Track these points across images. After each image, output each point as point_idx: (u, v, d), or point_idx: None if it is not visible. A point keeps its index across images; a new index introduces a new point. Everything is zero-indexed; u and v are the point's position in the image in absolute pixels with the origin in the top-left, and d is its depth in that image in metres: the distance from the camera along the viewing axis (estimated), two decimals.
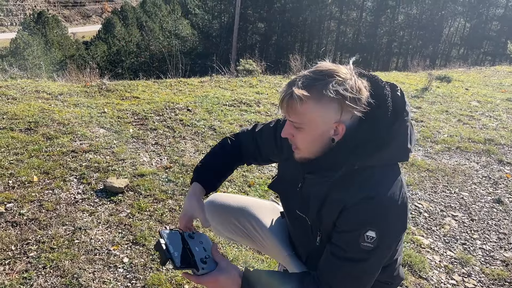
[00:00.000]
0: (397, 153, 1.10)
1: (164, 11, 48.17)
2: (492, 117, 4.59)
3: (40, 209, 2.22)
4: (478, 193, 2.98)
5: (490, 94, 5.61)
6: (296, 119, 1.08)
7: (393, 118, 1.08)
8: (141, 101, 4.15)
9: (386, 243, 1.07)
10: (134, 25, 49.66)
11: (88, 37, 51.45)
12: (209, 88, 4.98)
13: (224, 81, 5.42)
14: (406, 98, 1.11)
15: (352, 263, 1.08)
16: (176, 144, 3.19)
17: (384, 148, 1.07)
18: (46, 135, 3.06)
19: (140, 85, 4.74)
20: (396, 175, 1.10)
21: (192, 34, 33.49)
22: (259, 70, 5.96)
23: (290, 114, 1.09)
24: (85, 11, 71.19)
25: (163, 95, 4.45)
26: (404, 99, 1.10)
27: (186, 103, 4.17)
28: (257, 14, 32.39)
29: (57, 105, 3.75)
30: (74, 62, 34.35)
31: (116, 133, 3.25)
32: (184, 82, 5.14)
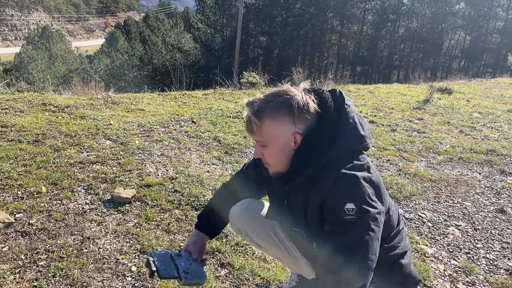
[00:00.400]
0: (352, 141, 1.23)
1: (167, 25, 48.68)
2: (494, 128, 4.63)
3: (49, 219, 2.25)
4: (481, 203, 3.00)
5: (491, 106, 5.66)
6: (259, 138, 1.24)
7: (336, 113, 1.23)
8: (147, 113, 4.21)
9: (368, 213, 1.15)
10: (137, 39, 50.15)
11: (92, 51, 51.95)
12: (213, 100, 5.05)
13: (228, 93, 5.49)
14: (345, 95, 1.28)
15: (344, 236, 1.15)
16: (181, 155, 3.23)
17: (338, 140, 1.21)
18: (54, 146, 3.11)
19: (145, 98, 4.80)
20: (362, 160, 1.23)
21: (194, 47, 33.80)
22: (262, 83, 6.03)
23: (254, 135, 1.25)
24: (89, 25, 72.00)
25: (168, 107, 4.51)
26: (343, 96, 1.26)
27: (190, 115, 4.23)
28: (259, 28, 32.73)
29: (64, 118, 3.81)
30: (77, 75, 34.65)
31: (122, 145, 3.29)
32: (188, 95, 5.20)
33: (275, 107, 1.19)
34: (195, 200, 2.57)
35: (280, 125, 1.20)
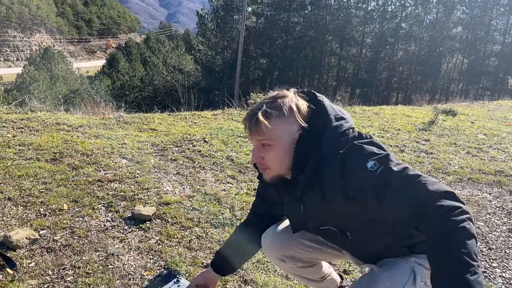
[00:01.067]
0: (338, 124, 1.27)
1: (168, 47, 49.31)
2: (500, 150, 4.70)
3: (72, 235, 2.28)
4: (493, 223, 3.04)
5: (495, 128, 5.75)
6: (265, 137, 1.24)
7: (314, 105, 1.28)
8: (159, 133, 4.27)
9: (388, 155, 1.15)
10: (138, 60, 50.78)
11: (93, 72, 52.49)
12: (223, 120, 5.12)
13: (236, 114, 5.57)
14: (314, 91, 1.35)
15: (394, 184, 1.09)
16: (196, 174, 3.28)
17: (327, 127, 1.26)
18: (71, 165, 3.16)
19: (156, 118, 4.87)
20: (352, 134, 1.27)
21: (195, 69, 34.19)
22: None
23: (260, 135, 1.25)
24: (90, 47, 72.88)
25: (179, 127, 4.58)
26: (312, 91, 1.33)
27: (202, 135, 4.29)
28: (259, 50, 33.18)
29: (79, 137, 3.87)
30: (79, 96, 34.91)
31: (138, 164, 3.34)
32: (198, 115, 5.28)
33: (279, 107, 1.24)
34: (213, 218, 2.61)
35: (287, 123, 1.24)
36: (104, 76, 41.30)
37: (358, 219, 1.25)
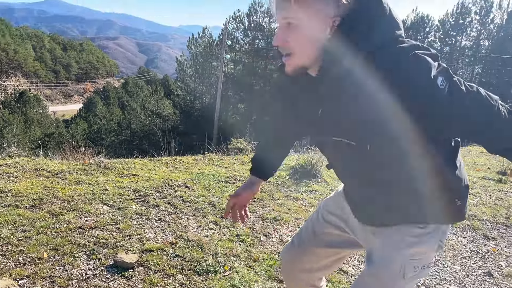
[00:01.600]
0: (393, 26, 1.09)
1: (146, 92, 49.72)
2: (472, 194, 4.87)
3: (52, 285, 2.24)
4: (469, 267, 3.12)
5: (467, 173, 5.98)
6: (293, 14, 1.05)
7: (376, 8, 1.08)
8: (140, 178, 4.28)
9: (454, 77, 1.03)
10: (115, 104, 50.87)
11: (69, 116, 52.12)
12: (204, 165, 5.17)
13: (217, 159, 5.63)
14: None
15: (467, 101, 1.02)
16: (178, 220, 3.28)
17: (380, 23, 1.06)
18: (52, 212, 3.12)
19: (137, 163, 4.89)
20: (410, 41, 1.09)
21: (173, 113, 34.36)
22: (249, 149, 6.23)
23: (286, 9, 1.06)
24: (67, 90, 72.73)
25: (161, 172, 4.60)
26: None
27: (183, 180, 4.32)
28: (237, 95, 33.80)
29: (59, 183, 3.84)
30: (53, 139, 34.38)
31: (120, 210, 3.33)
32: (179, 160, 5.32)
33: None
34: (197, 264, 2.60)
35: (321, 3, 1.05)
36: (81, 120, 41.06)
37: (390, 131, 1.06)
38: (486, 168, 6.40)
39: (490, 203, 4.58)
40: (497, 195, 4.94)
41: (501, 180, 5.55)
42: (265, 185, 4.51)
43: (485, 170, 6.21)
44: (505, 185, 5.42)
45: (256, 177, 1.59)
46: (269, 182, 4.58)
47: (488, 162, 6.90)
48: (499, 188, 5.25)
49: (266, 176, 1.61)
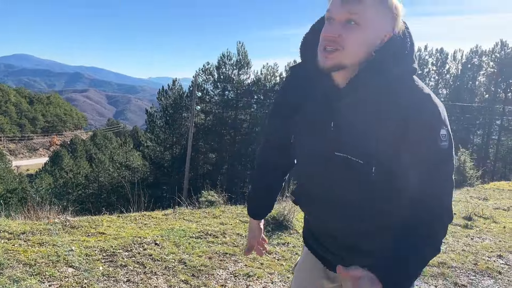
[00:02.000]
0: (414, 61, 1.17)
1: (115, 144, 49.13)
2: None
3: None
4: None
5: None
6: (357, 11, 1.08)
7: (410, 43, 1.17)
8: (108, 236, 4.15)
9: (451, 141, 1.11)
10: (83, 157, 49.85)
11: (33, 170, 50.48)
12: (174, 220, 5.07)
13: (188, 213, 5.55)
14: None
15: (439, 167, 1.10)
16: (148, 281, 3.17)
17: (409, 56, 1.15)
18: (12, 277, 2.96)
19: (104, 220, 4.75)
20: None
21: (143, 165, 33.92)
22: (221, 201, 6.18)
23: (354, 5, 1.08)
24: (32, 144, 70.91)
25: (129, 229, 4.48)
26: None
27: (153, 237, 4.21)
28: (208, 145, 33.88)
29: (21, 245, 3.66)
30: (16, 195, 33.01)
31: (86, 272, 3.19)
32: (148, 216, 5.20)
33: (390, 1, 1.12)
34: None
35: (384, 14, 1.11)
36: (46, 174, 39.80)
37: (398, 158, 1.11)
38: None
39: (458, 249, 4.67)
40: (464, 240, 5.05)
41: (467, 225, 5.69)
42: (236, 239, 4.45)
43: None
44: (471, 230, 5.57)
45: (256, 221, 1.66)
46: (241, 236, 4.53)
47: (454, 208, 7.07)
48: (465, 233, 5.38)
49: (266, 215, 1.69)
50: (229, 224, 5.02)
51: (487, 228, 5.79)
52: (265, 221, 1.72)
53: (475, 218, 6.18)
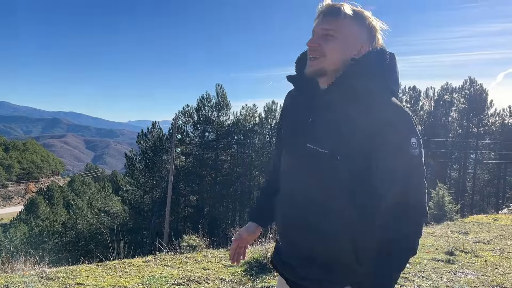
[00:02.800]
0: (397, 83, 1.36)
1: (94, 189, 48.14)
2: (424, 277, 4.97)
3: None
4: None
5: (416, 255, 6.10)
6: (333, 27, 1.30)
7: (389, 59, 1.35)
8: (86, 287, 4.01)
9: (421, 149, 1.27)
10: (60, 204, 48.53)
11: (8, 219, 48.71)
12: (155, 267, 4.95)
13: (169, 258, 5.43)
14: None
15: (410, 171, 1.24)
16: None
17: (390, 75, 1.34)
18: None
19: (83, 270, 4.60)
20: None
21: (122, 209, 33.23)
22: (203, 245, 6.08)
23: (331, 22, 1.30)
24: (7, 192, 68.78)
25: (109, 278, 4.34)
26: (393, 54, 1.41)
27: (134, 286, 4.09)
28: (189, 187, 33.55)
29: None
30: None
31: None
32: (128, 263, 5.07)
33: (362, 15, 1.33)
34: None
35: (359, 28, 1.32)
36: (21, 223, 38.39)
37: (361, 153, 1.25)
38: (434, 249, 6.61)
39: (442, 285, 4.68)
40: (448, 276, 5.07)
41: (449, 260, 5.73)
42: (220, 284, 4.37)
43: (434, 251, 6.41)
44: (454, 265, 5.59)
45: (256, 224, 1.66)
46: (224, 281, 4.44)
47: (436, 243, 7.14)
48: (448, 269, 5.40)
49: (265, 224, 1.68)
50: (212, 269, 4.92)
51: (469, 262, 5.83)
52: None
53: (457, 252, 6.23)
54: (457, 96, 36.06)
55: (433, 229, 8.79)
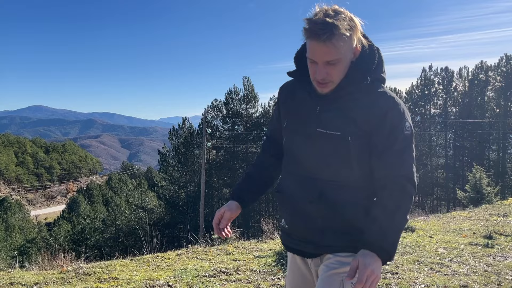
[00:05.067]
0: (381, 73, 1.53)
1: (130, 186, 49.39)
2: (461, 263, 4.82)
3: None
4: None
5: (453, 240, 5.95)
6: (335, 55, 1.39)
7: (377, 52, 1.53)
8: (120, 281, 4.12)
9: (412, 130, 1.49)
10: (99, 202, 50.15)
11: (52, 218, 50.86)
12: (187, 260, 5.03)
13: (201, 251, 5.51)
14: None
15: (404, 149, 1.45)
16: None
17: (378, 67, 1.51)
18: None
19: (117, 265, 4.73)
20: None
21: (159, 205, 33.96)
22: (234, 237, 6.12)
23: (332, 51, 1.38)
24: (50, 193, 71.74)
25: (142, 272, 4.45)
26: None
27: (166, 279, 4.18)
28: (221, 180, 33.89)
29: None
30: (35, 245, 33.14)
31: None
32: (161, 257, 5.18)
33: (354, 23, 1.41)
34: None
35: (351, 41, 1.42)
36: (64, 221, 40.03)
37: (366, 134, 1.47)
38: (471, 233, 6.40)
39: (480, 270, 4.52)
40: (486, 260, 4.89)
41: (488, 244, 5.53)
42: (250, 275, 4.39)
43: (471, 236, 6.20)
44: (493, 249, 5.40)
45: (237, 203, 1.74)
46: (255, 271, 4.46)
47: (473, 227, 6.91)
48: (487, 253, 5.22)
49: (246, 205, 1.75)
50: (243, 260, 4.95)
51: (509, 245, 5.60)
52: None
53: (496, 236, 6.00)
54: (493, 75, 34.54)
55: (470, 213, 8.50)
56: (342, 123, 1.47)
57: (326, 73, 1.42)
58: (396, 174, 1.44)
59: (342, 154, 1.48)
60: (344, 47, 1.39)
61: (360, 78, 1.46)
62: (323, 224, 1.52)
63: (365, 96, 1.48)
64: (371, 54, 1.51)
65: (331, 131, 1.48)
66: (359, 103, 1.47)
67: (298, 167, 1.58)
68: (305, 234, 1.58)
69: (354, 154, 1.47)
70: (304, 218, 1.56)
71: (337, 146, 1.47)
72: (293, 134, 1.60)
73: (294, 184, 1.58)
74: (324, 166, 1.51)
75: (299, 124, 1.57)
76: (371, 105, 1.46)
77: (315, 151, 1.52)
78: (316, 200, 1.50)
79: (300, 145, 1.57)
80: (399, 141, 1.45)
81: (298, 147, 1.58)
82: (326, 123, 1.49)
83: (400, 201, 1.43)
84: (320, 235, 1.54)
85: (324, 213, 1.51)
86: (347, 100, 1.49)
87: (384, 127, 1.45)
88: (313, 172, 1.53)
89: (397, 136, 1.45)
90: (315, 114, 1.52)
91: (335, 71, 1.42)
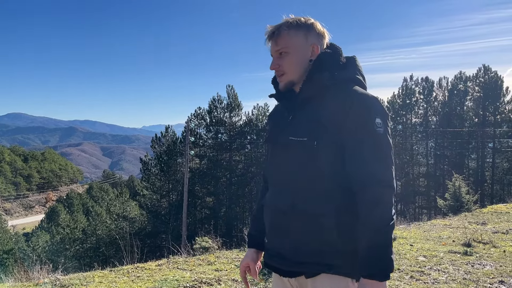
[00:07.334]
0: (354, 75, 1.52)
1: (112, 195, 48.68)
2: (441, 271, 4.87)
3: None
4: None
5: (433, 248, 6.02)
6: (283, 44, 1.49)
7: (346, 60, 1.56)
8: None
9: (387, 129, 1.42)
10: (80, 211, 49.21)
11: (30, 228, 49.65)
12: (168, 270, 4.96)
13: (182, 261, 5.44)
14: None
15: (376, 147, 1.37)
16: None
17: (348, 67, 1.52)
18: None
19: (96, 276, 4.63)
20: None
21: (140, 214, 33.49)
22: (215, 246, 6.08)
23: (278, 42, 1.49)
24: (28, 202, 70.07)
25: (121, 283, 4.37)
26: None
27: None
28: (204, 189, 33.65)
29: None
30: (12, 256, 32.24)
31: None
32: (141, 268, 5.09)
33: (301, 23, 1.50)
34: None
35: (303, 36, 1.49)
36: (42, 231, 39.11)
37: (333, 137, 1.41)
38: (451, 241, 6.48)
39: (459, 278, 4.57)
40: (465, 268, 4.96)
41: (467, 252, 5.61)
42: (232, 285, 4.35)
43: (451, 244, 6.29)
44: (471, 257, 5.47)
45: (255, 249, 1.72)
46: (237, 282, 4.42)
47: (453, 235, 7.01)
48: (466, 261, 5.29)
49: (262, 247, 1.70)
50: (224, 270, 4.91)
51: (487, 253, 5.69)
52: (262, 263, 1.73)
53: (474, 244, 6.10)
54: (472, 85, 35.36)
55: (450, 221, 8.63)
56: (308, 128, 1.45)
57: (278, 64, 1.51)
58: (372, 180, 1.34)
59: (311, 161, 1.42)
60: (292, 41, 1.49)
61: (325, 78, 1.46)
62: (295, 238, 1.46)
63: (333, 96, 1.45)
64: (334, 55, 1.52)
65: (299, 138, 1.45)
66: (325, 103, 1.45)
67: (275, 177, 1.58)
68: (279, 248, 1.52)
69: (324, 161, 1.41)
70: (279, 231, 1.52)
71: (306, 153, 1.43)
72: (271, 146, 1.62)
73: (273, 195, 1.57)
74: (295, 175, 1.46)
75: (276, 135, 1.59)
76: (337, 102, 1.42)
77: (287, 160, 1.50)
78: (289, 211, 1.46)
79: (276, 155, 1.58)
80: (371, 138, 1.37)
81: (274, 157, 1.59)
82: (295, 130, 1.48)
83: (380, 215, 1.33)
84: (293, 250, 1.47)
85: (297, 225, 1.45)
86: (314, 103, 1.48)
87: (349, 121, 1.39)
88: (286, 182, 1.50)
89: (367, 132, 1.38)
90: (287, 123, 1.54)
91: (284, 62, 1.50)
